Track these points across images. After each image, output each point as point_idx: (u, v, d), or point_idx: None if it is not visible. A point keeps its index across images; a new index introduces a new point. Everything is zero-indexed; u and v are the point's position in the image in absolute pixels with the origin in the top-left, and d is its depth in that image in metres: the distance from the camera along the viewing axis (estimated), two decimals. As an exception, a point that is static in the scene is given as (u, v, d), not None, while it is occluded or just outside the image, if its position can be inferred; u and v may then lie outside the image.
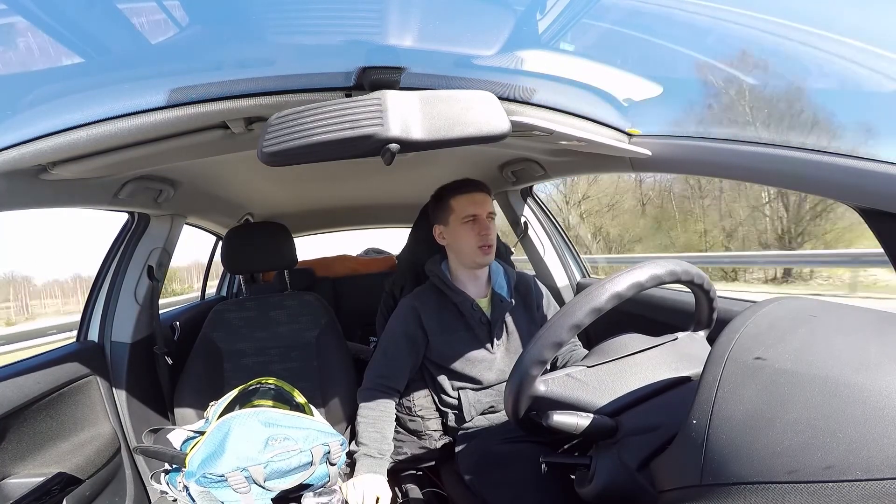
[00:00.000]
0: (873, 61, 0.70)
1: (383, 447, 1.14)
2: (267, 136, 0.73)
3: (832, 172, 0.69)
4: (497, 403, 1.25)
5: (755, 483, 0.45)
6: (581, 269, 1.87)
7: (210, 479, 0.94)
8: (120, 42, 0.69)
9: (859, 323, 0.51)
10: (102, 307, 1.41)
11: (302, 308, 1.57)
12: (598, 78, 0.93)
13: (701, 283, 0.75)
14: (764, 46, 0.80)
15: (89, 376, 1.26)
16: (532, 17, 0.73)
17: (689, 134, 0.94)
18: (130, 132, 0.82)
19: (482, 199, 1.23)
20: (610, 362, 0.77)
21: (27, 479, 0.97)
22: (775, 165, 0.77)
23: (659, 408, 0.69)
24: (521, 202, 1.89)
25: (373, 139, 0.72)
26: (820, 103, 0.76)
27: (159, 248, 1.50)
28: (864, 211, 0.69)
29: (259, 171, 1.53)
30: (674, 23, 0.81)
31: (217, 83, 0.80)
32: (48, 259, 30.98)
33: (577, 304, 0.67)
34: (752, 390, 0.48)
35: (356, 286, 2.81)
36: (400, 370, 1.23)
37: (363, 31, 0.75)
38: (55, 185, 0.98)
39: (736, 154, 0.83)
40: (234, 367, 1.49)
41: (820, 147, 0.71)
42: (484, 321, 1.24)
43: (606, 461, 0.66)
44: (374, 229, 3.08)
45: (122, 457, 1.30)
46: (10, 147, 0.80)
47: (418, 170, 1.82)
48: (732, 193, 11.64)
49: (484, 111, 0.78)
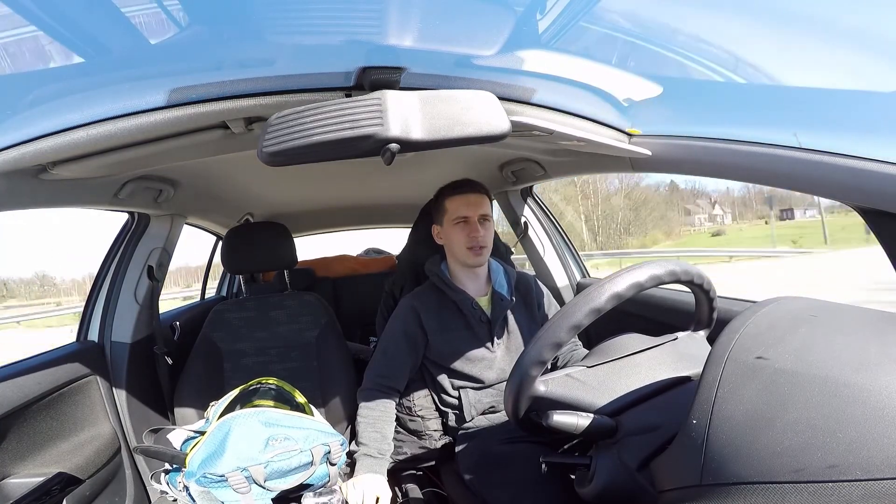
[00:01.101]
0: (874, 62, 0.70)
1: (383, 447, 1.14)
2: (267, 136, 0.73)
3: (832, 172, 0.69)
4: (497, 403, 1.25)
5: (755, 483, 0.45)
6: (581, 269, 1.87)
7: (210, 479, 0.94)
8: (120, 42, 0.69)
9: (859, 323, 0.51)
10: (102, 307, 1.41)
11: (302, 308, 1.57)
12: (598, 78, 0.93)
13: (701, 283, 0.75)
14: (765, 46, 0.80)
15: (89, 376, 1.26)
16: (532, 17, 0.73)
17: (689, 134, 0.94)
18: (130, 132, 0.82)
19: (476, 200, 1.23)
20: (610, 362, 0.77)
21: (27, 479, 0.97)
22: (775, 165, 0.77)
23: (659, 408, 0.69)
24: (521, 202, 1.89)
25: (373, 139, 0.72)
26: (820, 104, 0.76)
27: (159, 248, 1.50)
28: (864, 211, 0.69)
29: (259, 171, 1.53)
30: (674, 22, 0.81)
31: (217, 83, 0.80)
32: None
33: (576, 305, 0.67)
34: (752, 390, 0.48)
35: (356, 286, 2.80)
36: (400, 370, 1.23)
37: (363, 31, 0.75)
38: (55, 185, 0.98)
39: (736, 154, 0.83)
40: (234, 367, 1.49)
41: (820, 147, 0.71)
42: (484, 320, 1.24)
43: (606, 461, 0.66)
44: (374, 229, 3.08)
45: (122, 457, 1.30)
46: (10, 147, 0.80)
47: (418, 170, 1.82)
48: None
49: (484, 111, 0.78)
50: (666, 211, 31.66)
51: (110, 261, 1.48)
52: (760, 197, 34.12)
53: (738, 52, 0.82)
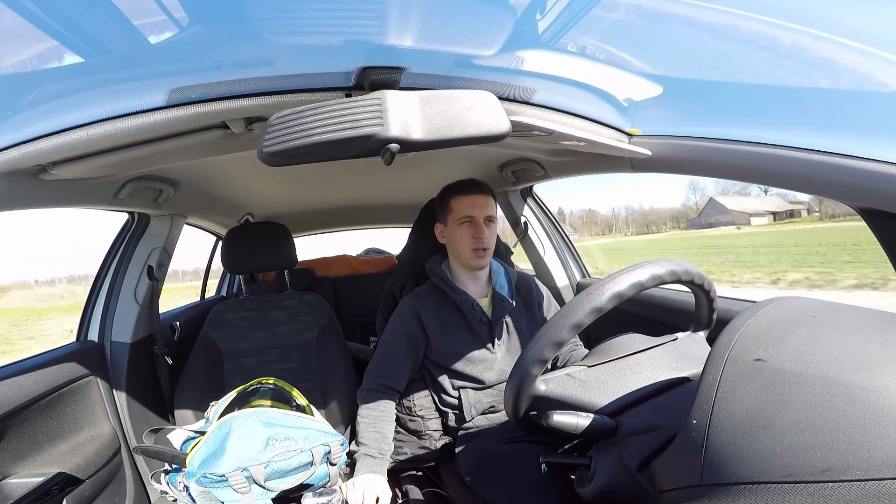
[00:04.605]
0: (873, 62, 0.70)
1: (383, 447, 1.14)
2: (267, 136, 0.73)
3: (832, 172, 0.69)
4: (497, 403, 1.25)
5: (755, 483, 0.44)
6: (581, 269, 1.87)
7: (210, 479, 0.94)
8: (120, 42, 0.69)
9: (859, 323, 0.51)
10: (102, 307, 1.41)
11: (302, 308, 1.56)
12: (598, 78, 0.93)
13: (701, 284, 0.75)
14: (765, 46, 0.80)
15: (89, 376, 1.26)
16: (532, 17, 0.73)
17: (689, 134, 0.94)
18: (130, 132, 0.81)
19: (482, 201, 1.23)
20: (610, 362, 0.77)
21: (27, 479, 0.97)
22: (775, 165, 0.77)
23: (659, 408, 0.69)
24: (521, 202, 1.89)
25: (373, 139, 0.72)
26: (820, 104, 0.76)
27: (159, 248, 1.50)
28: (864, 211, 0.69)
29: (259, 171, 1.53)
30: (674, 22, 0.81)
31: (217, 83, 0.80)
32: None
33: (577, 304, 0.67)
34: (751, 390, 0.48)
35: (356, 286, 2.80)
36: (400, 370, 1.23)
37: (363, 31, 0.75)
38: (55, 185, 0.98)
39: (736, 154, 0.83)
40: (234, 368, 1.49)
41: (820, 147, 0.71)
42: (485, 321, 1.24)
43: (606, 461, 0.66)
44: (374, 229, 3.08)
45: (122, 457, 1.30)
46: (10, 147, 0.80)
47: (418, 170, 1.82)
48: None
49: (484, 111, 0.78)
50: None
51: (110, 261, 1.48)
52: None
53: (739, 52, 0.82)
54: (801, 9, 0.70)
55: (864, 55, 0.69)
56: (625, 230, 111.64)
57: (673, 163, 0.98)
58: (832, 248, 24.73)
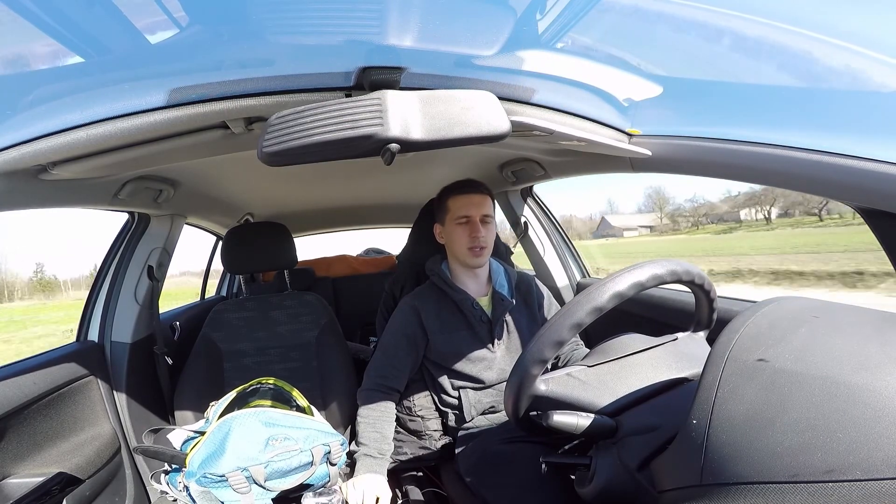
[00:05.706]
0: (873, 62, 0.70)
1: (383, 447, 1.14)
2: (267, 136, 0.73)
3: (832, 172, 0.69)
4: (497, 403, 1.25)
5: (755, 483, 0.44)
6: (581, 269, 1.87)
7: (210, 479, 0.94)
8: (120, 42, 0.69)
9: (859, 323, 0.51)
10: (102, 307, 1.41)
11: (302, 308, 1.56)
12: (598, 78, 0.93)
13: (701, 284, 0.75)
14: (765, 46, 0.80)
15: (89, 376, 1.26)
16: (532, 17, 0.73)
17: (689, 134, 0.94)
18: (130, 132, 0.81)
19: (479, 200, 1.23)
20: (610, 362, 0.77)
21: (27, 479, 0.97)
22: (775, 165, 0.77)
23: (659, 408, 0.69)
24: (521, 202, 1.89)
25: (373, 139, 0.72)
26: (820, 104, 0.76)
27: (159, 248, 1.50)
28: (864, 211, 0.69)
29: (259, 171, 1.53)
30: (674, 22, 0.81)
31: (217, 83, 0.80)
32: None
33: (578, 304, 0.67)
34: (752, 390, 0.48)
35: (356, 286, 2.81)
36: (400, 370, 1.23)
37: (363, 31, 0.75)
38: (55, 185, 0.98)
39: (736, 154, 0.82)
40: (234, 368, 1.49)
41: (820, 147, 0.71)
42: (485, 320, 1.24)
43: (606, 461, 0.66)
44: (374, 229, 3.08)
45: (122, 457, 1.30)
46: (10, 147, 0.80)
47: (418, 170, 1.82)
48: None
49: (484, 111, 0.78)
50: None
51: (110, 261, 1.48)
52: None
53: (739, 52, 0.82)
54: (800, 10, 0.70)
55: (864, 56, 0.69)
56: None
57: (673, 163, 0.98)
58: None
